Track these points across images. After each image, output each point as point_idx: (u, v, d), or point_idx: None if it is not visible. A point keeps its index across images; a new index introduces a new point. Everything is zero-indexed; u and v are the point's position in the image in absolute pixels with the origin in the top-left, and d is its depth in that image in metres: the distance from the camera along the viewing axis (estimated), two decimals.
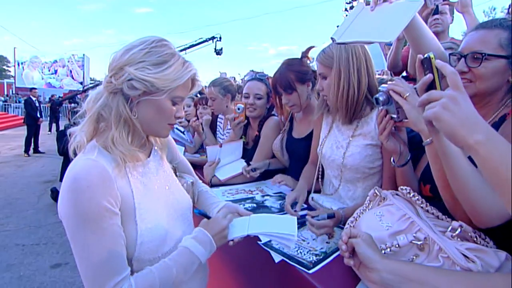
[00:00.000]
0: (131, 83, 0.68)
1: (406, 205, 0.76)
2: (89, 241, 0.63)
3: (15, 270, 2.53)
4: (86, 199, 0.63)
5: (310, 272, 0.78)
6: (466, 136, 0.49)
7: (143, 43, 0.71)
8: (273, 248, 0.90)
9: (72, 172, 0.65)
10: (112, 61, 0.71)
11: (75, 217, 0.64)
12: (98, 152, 0.69)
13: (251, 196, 1.36)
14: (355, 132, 1.09)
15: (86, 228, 0.63)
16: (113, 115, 0.70)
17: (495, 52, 0.80)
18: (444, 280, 0.55)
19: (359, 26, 0.87)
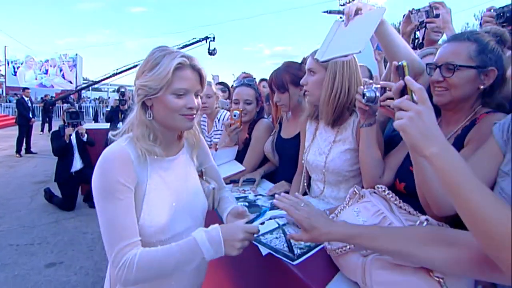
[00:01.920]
0: (137, 92, 0.83)
1: (381, 202, 0.84)
2: (107, 209, 0.77)
3: (9, 269, 2.56)
4: (106, 173, 0.77)
5: (294, 263, 0.85)
6: (423, 148, 0.57)
7: (146, 57, 0.83)
8: (261, 242, 0.97)
9: (103, 154, 0.79)
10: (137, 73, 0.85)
11: (99, 189, 0.77)
12: (129, 142, 0.83)
13: (244, 196, 1.43)
14: (336, 138, 1.17)
15: (105, 198, 0.77)
16: (137, 120, 0.84)
17: (466, 63, 0.89)
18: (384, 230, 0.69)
19: (337, 43, 0.95)
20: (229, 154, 1.74)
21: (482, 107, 0.93)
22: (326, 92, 1.12)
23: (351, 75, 1.13)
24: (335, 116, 1.16)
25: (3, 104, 18.24)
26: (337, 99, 1.12)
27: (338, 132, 1.17)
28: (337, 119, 1.16)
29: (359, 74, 1.16)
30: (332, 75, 1.12)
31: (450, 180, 0.54)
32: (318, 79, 1.15)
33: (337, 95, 1.12)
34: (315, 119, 1.27)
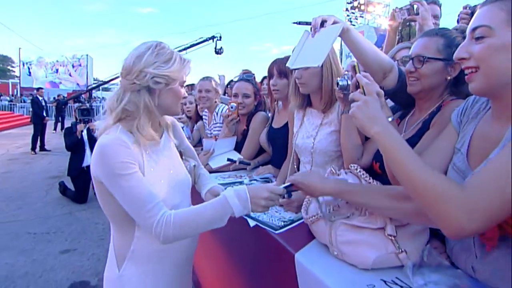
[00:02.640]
0: (154, 80, 0.90)
1: (353, 179, 0.96)
2: (122, 186, 0.85)
3: (28, 254, 2.76)
4: (113, 158, 0.84)
5: (276, 232, 0.98)
6: (369, 128, 0.69)
7: (150, 48, 0.92)
8: (250, 216, 1.10)
9: (99, 144, 0.86)
10: (127, 67, 0.91)
11: (109, 174, 0.85)
12: (120, 132, 0.89)
13: (240, 180, 1.56)
14: (322, 121, 1.28)
15: (116, 179, 0.85)
16: (142, 107, 0.91)
17: (434, 55, 0.99)
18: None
19: (304, 53, 1.02)
20: (228, 144, 1.87)
21: (450, 96, 1.03)
22: (322, 80, 1.23)
23: (338, 62, 1.25)
24: (329, 100, 1.27)
25: (18, 104, 18.82)
26: (330, 85, 1.24)
27: (324, 116, 1.28)
28: (329, 104, 1.27)
29: None
30: (329, 65, 1.24)
31: (391, 153, 0.65)
32: (314, 71, 1.24)
33: (328, 81, 1.24)
34: (303, 108, 1.38)
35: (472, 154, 0.75)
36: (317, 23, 0.99)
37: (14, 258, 2.69)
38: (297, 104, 1.38)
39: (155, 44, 0.94)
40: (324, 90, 1.26)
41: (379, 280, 0.72)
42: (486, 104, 0.80)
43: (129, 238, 0.93)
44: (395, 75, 1.10)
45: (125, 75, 0.92)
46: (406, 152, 0.64)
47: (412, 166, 0.62)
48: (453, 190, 0.56)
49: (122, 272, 0.94)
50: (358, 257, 0.77)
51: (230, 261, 1.42)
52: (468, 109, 0.84)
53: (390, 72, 1.10)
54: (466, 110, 0.84)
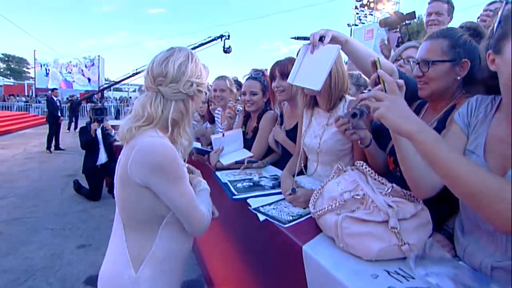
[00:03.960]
0: (198, 89, 0.98)
1: (359, 175, 1.00)
2: (182, 190, 0.93)
3: (47, 249, 2.88)
4: (174, 162, 0.89)
5: (285, 226, 1.02)
6: (405, 128, 0.65)
7: (188, 57, 0.97)
8: (260, 211, 1.14)
9: (154, 147, 0.88)
10: (172, 76, 0.93)
11: (169, 177, 0.89)
12: (161, 136, 0.92)
13: (250, 177, 1.61)
14: (328, 121, 1.32)
15: (179, 182, 0.92)
16: (186, 115, 0.98)
17: (439, 58, 1.00)
18: None
19: (304, 70, 1.02)
20: (235, 138, 1.91)
21: (464, 94, 1.03)
22: (328, 82, 1.25)
23: (341, 61, 1.28)
24: (334, 100, 1.30)
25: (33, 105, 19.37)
26: (337, 87, 1.27)
27: (330, 116, 1.32)
28: (335, 102, 1.30)
29: None
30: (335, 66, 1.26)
31: (431, 151, 0.63)
32: None
33: (336, 84, 1.27)
34: (311, 108, 1.42)
35: (490, 156, 0.76)
36: (316, 40, 1.00)
37: (34, 252, 2.81)
38: (305, 104, 1.42)
39: (189, 52, 0.98)
40: (328, 91, 1.29)
41: (382, 271, 0.76)
42: (492, 105, 0.82)
43: (151, 239, 0.95)
44: (396, 78, 1.12)
45: (167, 84, 0.93)
46: (450, 151, 0.62)
47: (458, 165, 0.60)
48: (506, 189, 0.56)
49: (139, 274, 0.92)
50: (362, 249, 0.80)
51: (240, 253, 1.47)
52: (474, 110, 0.85)
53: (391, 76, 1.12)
54: (472, 111, 0.85)
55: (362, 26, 20.55)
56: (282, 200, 1.27)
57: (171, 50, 0.97)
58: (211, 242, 2.05)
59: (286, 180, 1.34)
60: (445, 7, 2.19)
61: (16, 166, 6.19)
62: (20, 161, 6.70)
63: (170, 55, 0.95)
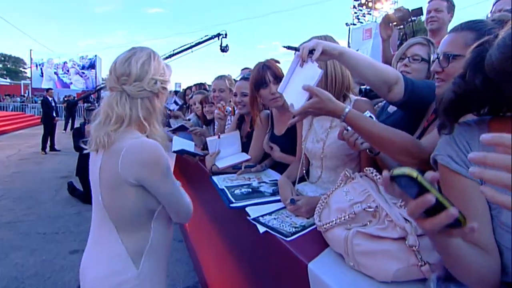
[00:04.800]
0: (162, 86, 1.01)
1: (369, 183, 0.90)
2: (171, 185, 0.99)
3: (38, 254, 2.78)
4: (162, 160, 0.94)
5: (287, 239, 0.93)
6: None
7: (152, 55, 0.99)
8: (260, 222, 1.05)
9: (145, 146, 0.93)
10: (135, 75, 0.95)
11: (161, 174, 0.95)
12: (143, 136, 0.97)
13: (248, 183, 1.51)
14: (332, 124, 1.23)
15: (168, 178, 0.97)
16: (153, 113, 1.00)
17: (462, 52, 0.86)
18: None
19: (292, 84, 0.99)
20: (232, 140, 1.82)
21: None
22: (325, 81, 1.17)
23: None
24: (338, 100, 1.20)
25: (29, 105, 19.18)
26: (334, 86, 1.18)
27: (334, 119, 1.23)
28: None
29: None
30: (332, 64, 1.17)
31: None
32: None
33: (333, 82, 1.17)
34: None
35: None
36: (305, 54, 0.94)
37: (24, 258, 2.71)
38: None
39: (151, 51, 1.00)
40: (330, 91, 1.20)
41: None
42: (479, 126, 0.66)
43: (146, 235, 1.00)
44: (401, 86, 1.03)
45: (131, 82, 0.95)
46: None
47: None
48: None
49: (141, 269, 0.98)
50: (377, 269, 0.71)
51: (238, 263, 1.37)
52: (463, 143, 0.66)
53: (395, 84, 1.02)
54: (461, 145, 0.66)
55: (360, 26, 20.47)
56: (284, 208, 1.18)
57: (133, 50, 0.99)
58: (208, 248, 1.96)
59: (285, 187, 1.24)
60: (445, 4, 2.13)
61: (10, 167, 6.07)
62: (15, 162, 6.58)
63: (132, 55, 0.97)
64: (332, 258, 0.82)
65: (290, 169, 1.39)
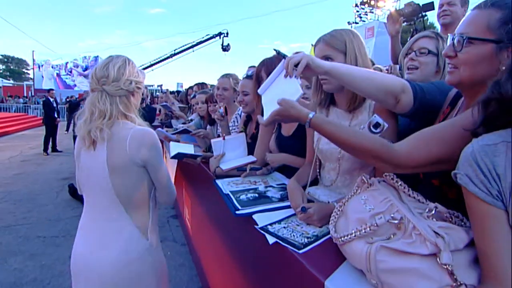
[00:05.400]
0: (137, 86, 1.19)
1: (389, 190, 0.82)
2: (164, 166, 1.20)
3: (37, 259, 2.71)
4: (159, 145, 1.18)
5: (300, 252, 0.85)
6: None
7: (126, 61, 1.17)
8: (269, 231, 0.97)
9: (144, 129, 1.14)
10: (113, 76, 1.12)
11: (158, 157, 1.17)
12: None
13: (255, 187, 1.42)
14: (351, 122, 1.14)
15: (162, 161, 1.20)
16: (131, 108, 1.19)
17: (480, 35, 0.72)
18: None
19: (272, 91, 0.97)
20: (238, 143, 1.73)
21: None
22: None
23: (365, 53, 1.11)
24: (355, 99, 1.12)
25: (32, 106, 19.20)
26: None
27: (353, 117, 1.14)
28: (356, 102, 1.12)
29: None
30: (353, 59, 1.08)
31: None
32: None
33: None
34: (326, 107, 1.24)
35: None
36: (290, 68, 0.88)
37: (23, 263, 2.64)
38: (318, 102, 1.24)
39: (126, 58, 1.19)
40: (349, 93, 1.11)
41: None
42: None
43: (147, 211, 1.20)
44: (409, 94, 0.93)
45: (110, 82, 1.12)
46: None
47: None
48: None
49: (150, 240, 1.17)
50: None
51: (247, 279, 1.27)
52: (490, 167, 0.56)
53: (402, 93, 0.93)
54: (488, 170, 0.56)
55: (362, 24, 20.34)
56: (294, 215, 1.10)
57: (110, 57, 1.17)
58: (212, 254, 1.88)
59: (295, 193, 1.15)
60: None
61: (12, 169, 6.03)
62: (16, 164, 6.54)
63: (109, 61, 1.15)
64: (351, 274, 0.74)
65: (300, 173, 1.30)
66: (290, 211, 1.13)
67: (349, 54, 1.08)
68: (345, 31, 1.13)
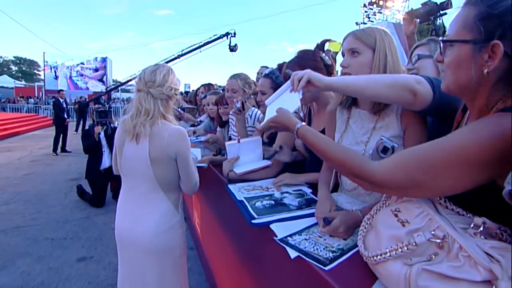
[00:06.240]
0: (175, 92, 1.42)
1: (424, 201, 0.74)
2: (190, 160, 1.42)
3: (44, 262, 2.68)
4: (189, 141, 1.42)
5: (326, 269, 0.77)
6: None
7: (171, 71, 1.41)
8: (289, 244, 0.90)
9: (180, 130, 1.37)
10: (159, 82, 1.35)
11: (187, 151, 1.39)
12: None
13: (269, 193, 1.35)
14: (376, 124, 1.06)
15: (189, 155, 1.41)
16: (171, 109, 1.42)
17: (457, 36, 0.65)
18: None
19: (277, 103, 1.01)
20: (253, 146, 1.66)
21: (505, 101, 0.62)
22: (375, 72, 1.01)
23: (396, 54, 1.04)
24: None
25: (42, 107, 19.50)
26: None
27: (379, 118, 1.06)
28: (384, 104, 1.04)
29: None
30: (383, 56, 1.01)
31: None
32: (364, 61, 1.02)
33: None
34: (347, 108, 1.16)
35: None
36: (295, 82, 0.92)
37: (31, 266, 2.62)
38: (339, 102, 1.16)
39: (170, 67, 1.42)
40: None
41: None
42: None
43: (178, 192, 1.48)
44: (425, 85, 0.86)
45: (155, 86, 1.34)
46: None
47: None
48: None
49: (180, 214, 1.47)
50: None
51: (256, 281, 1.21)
52: None
53: (417, 84, 0.86)
54: None
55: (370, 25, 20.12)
56: (315, 225, 1.02)
57: (157, 65, 1.40)
58: (223, 260, 1.82)
59: (324, 202, 1.07)
60: None
61: (22, 169, 6.08)
62: (26, 164, 6.60)
63: (157, 68, 1.38)
64: None
65: (325, 177, 1.22)
66: (310, 221, 1.06)
67: (379, 51, 1.01)
68: (377, 29, 1.07)
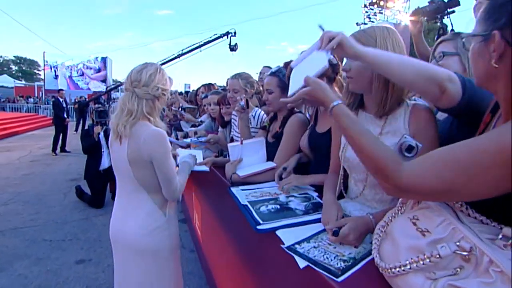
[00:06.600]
0: (162, 92, 1.37)
1: (444, 208, 0.69)
2: (169, 163, 1.35)
3: (43, 264, 2.64)
4: (168, 143, 1.35)
5: (338, 280, 0.72)
6: None
7: (157, 69, 1.36)
8: (298, 252, 0.85)
9: (157, 132, 1.31)
10: (144, 81, 1.32)
11: (165, 154, 1.33)
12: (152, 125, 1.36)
13: (274, 197, 1.30)
14: (383, 130, 1.01)
15: (169, 157, 1.35)
16: (157, 110, 1.39)
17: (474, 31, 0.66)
18: None
19: (303, 65, 0.95)
20: (257, 148, 1.61)
21: None
22: (379, 78, 0.96)
23: (403, 51, 0.99)
24: (385, 103, 0.99)
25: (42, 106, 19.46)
26: (392, 86, 0.97)
27: (386, 123, 1.01)
28: (386, 107, 1.00)
29: None
30: None
31: None
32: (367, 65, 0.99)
33: (392, 82, 0.96)
34: (354, 111, 1.11)
35: None
36: (325, 41, 0.84)
37: (28, 268, 2.57)
38: (346, 103, 1.11)
39: (158, 66, 1.38)
40: (383, 90, 0.98)
41: None
42: None
43: (161, 194, 1.39)
44: (457, 85, 0.82)
45: (141, 86, 1.32)
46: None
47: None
48: None
49: (168, 215, 1.42)
50: None
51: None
52: None
53: (448, 81, 0.81)
54: None
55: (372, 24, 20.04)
56: (323, 231, 0.97)
57: (145, 64, 1.36)
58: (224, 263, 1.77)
59: (330, 208, 1.02)
60: None
61: (21, 169, 6.03)
62: (25, 164, 6.55)
63: (144, 67, 1.34)
64: None
65: (331, 182, 1.17)
66: (318, 226, 1.01)
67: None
68: (379, 28, 1.01)
